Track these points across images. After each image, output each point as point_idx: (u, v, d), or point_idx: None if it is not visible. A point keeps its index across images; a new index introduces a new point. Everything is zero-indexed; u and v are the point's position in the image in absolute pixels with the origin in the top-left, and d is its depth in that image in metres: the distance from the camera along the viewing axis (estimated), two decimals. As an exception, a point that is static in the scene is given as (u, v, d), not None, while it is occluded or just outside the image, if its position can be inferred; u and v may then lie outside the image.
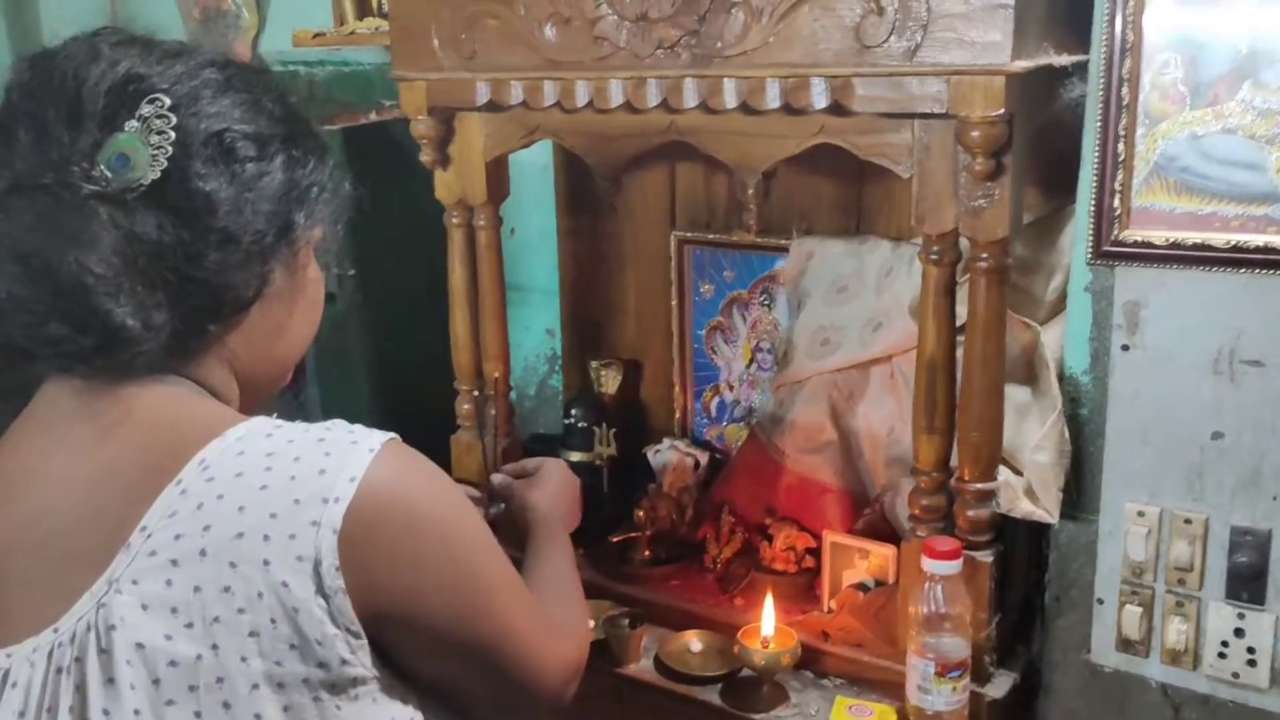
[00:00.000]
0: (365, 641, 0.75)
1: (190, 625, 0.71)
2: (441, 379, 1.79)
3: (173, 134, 0.75)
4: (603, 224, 1.99)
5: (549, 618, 0.95)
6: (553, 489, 1.30)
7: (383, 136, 1.90)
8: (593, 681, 1.50)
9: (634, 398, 2.01)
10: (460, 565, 0.80)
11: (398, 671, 0.79)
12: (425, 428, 1.82)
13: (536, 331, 2.08)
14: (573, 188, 1.98)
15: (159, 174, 0.74)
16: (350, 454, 0.75)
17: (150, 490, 0.73)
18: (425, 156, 1.67)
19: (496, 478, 1.37)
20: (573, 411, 1.92)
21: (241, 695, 0.72)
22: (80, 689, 0.72)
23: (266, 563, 0.71)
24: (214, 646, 0.71)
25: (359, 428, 0.79)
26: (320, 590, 0.72)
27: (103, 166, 0.73)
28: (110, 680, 0.71)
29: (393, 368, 1.99)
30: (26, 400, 0.81)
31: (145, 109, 0.75)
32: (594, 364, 1.99)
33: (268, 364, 0.87)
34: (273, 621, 0.71)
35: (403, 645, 0.78)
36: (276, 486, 0.73)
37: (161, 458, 0.75)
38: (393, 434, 0.80)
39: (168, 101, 0.75)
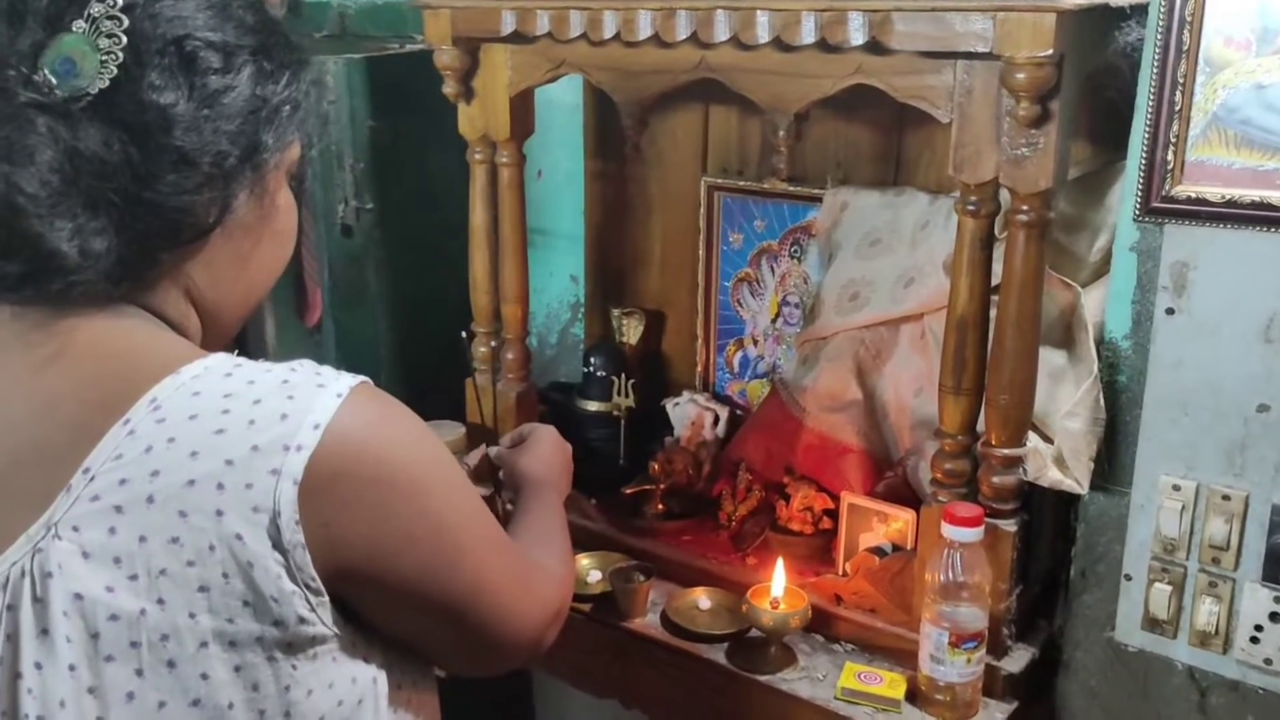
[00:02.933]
0: (326, 599, 0.71)
1: (134, 577, 0.66)
2: (460, 320, 1.75)
3: (124, 38, 0.68)
4: (631, 168, 1.93)
5: (529, 564, 0.90)
6: (543, 454, 1.26)
7: (409, 69, 1.85)
8: (597, 635, 1.49)
9: (655, 348, 1.97)
10: (432, 519, 0.75)
11: (361, 628, 0.75)
12: (441, 369, 1.80)
13: (561, 277, 2.03)
14: (602, 130, 1.93)
15: (107, 83, 0.67)
16: (316, 398, 0.70)
17: (94, 429, 0.68)
18: (449, 89, 1.62)
19: (492, 450, 1.33)
20: (592, 360, 1.87)
21: (188, 653, 0.67)
22: (11, 639, 0.67)
23: (220, 513, 0.66)
24: (159, 601, 0.66)
25: (327, 369, 0.74)
26: (278, 544, 0.67)
27: (45, 71, 0.67)
28: (44, 631, 0.66)
29: (410, 306, 1.95)
30: None
31: (95, 8, 0.68)
32: (616, 312, 1.95)
33: (231, 296, 0.81)
34: (225, 576, 0.67)
35: (368, 602, 0.74)
36: (234, 431, 0.68)
37: (108, 394, 0.69)
38: (363, 378, 0.75)
39: (120, 1, 0.68)
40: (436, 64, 1.60)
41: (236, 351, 0.76)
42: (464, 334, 1.70)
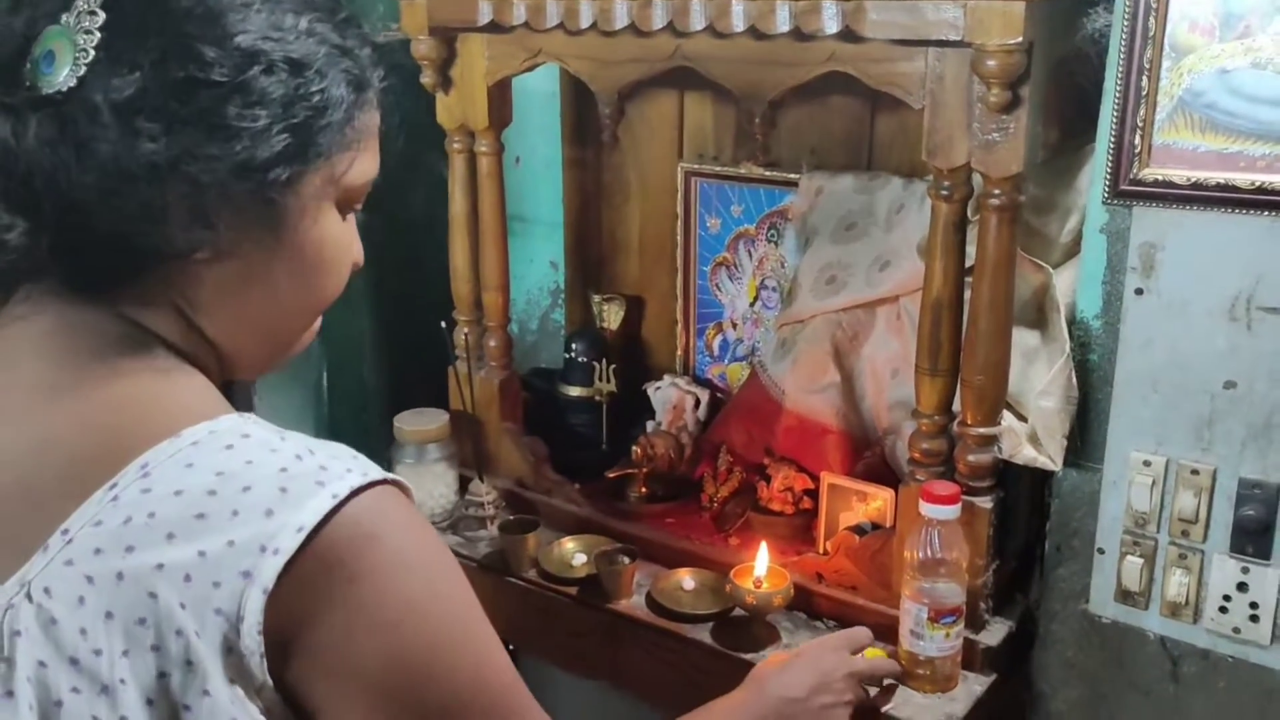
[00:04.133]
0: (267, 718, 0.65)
1: (98, 652, 0.62)
2: (442, 310, 1.76)
3: (99, 34, 0.62)
4: (608, 155, 1.94)
5: None
6: (804, 683, 1.11)
7: (385, 61, 1.85)
8: (583, 617, 1.51)
9: (636, 334, 1.99)
10: (417, 659, 0.66)
11: None
12: (423, 357, 1.81)
13: (540, 264, 2.04)
14: (579, 117, 1.94)
15: (75, 81, 0.62)
16: (310, 496, 0.63)
17: (82, 485, 0.63)
18: (426, 79, 1.63)
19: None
20: (573, 346, 1.89)
21: None
22: None
23: (183, 606, 0.61)
24: (121, 681, 0.62)
25: (341, 459, 0.66)
26: (233, 649, 0.62)
27: (30, 65, 0.62)
28: (9, 694, 0.62)
29: (394, 297, 1.96)
30: None
31: (81, 1, 0.62)
32: (596, 298, 1.96)
33: (243, 331, 0.73)
34: (188, 664, 0.62)
35: None
36: (214, 519, 0.62)
37: (102, 447, 0.65)
38: (385, 476, 0.67)
39: None
40: (414, 54, 1.61)
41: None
42: (444, 324, 1.71)
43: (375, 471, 0.67)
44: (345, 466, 0.66)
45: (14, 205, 0.63)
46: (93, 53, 0.62)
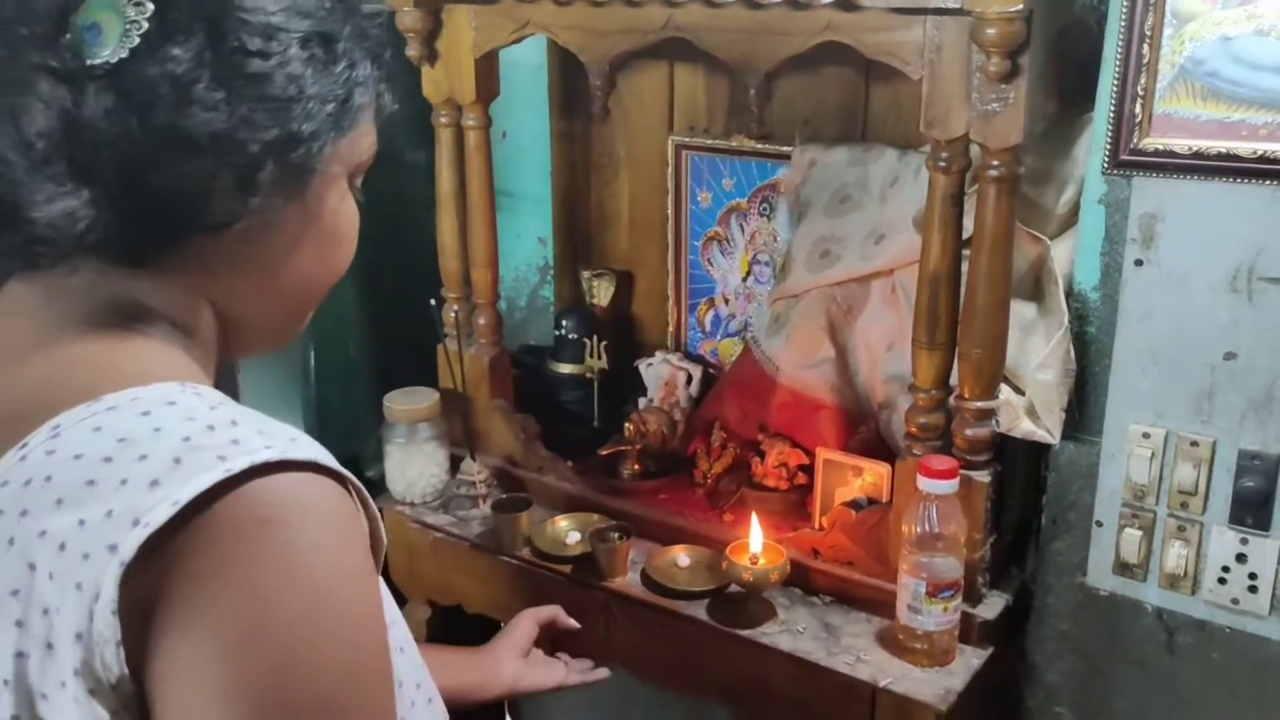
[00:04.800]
0: (120, 709, 0.60)
1: None
2: (427, 287, 1.74)
3: (152, 6, 0.62)
4: (597, 128, 1.92)
5: None
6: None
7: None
8: (579, 595, 1.50)
9: (626, 310, 1.97)
10: (265, 665, 0.58)
11: None
12: (411, 336, 1.79)
13: (528, 240, 2.02)
14: (567, 90, 1.91)
15: (127, 54, 0.62)
16: (203, 470, 0.58)
17: (2, 445, 0.62)
18: (412, 51, 1.60)
19: None
20: (563, 323, 1.87)
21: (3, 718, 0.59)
22: None
23: (51, 577, 0.58)
24: None
25: (261, 437, 0.61)
26: (86, 634, 0.57)
27: (71, 36, 0.62)
28: None
29: (378, 274, 1.94)
30: None
31: None
32: (586, 274, 1.94)
33: (261, 304, 0.73)
34: (48, 647, 0.58)
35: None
36: (103, 486, 0.58)
37: (25, 407, 0.63)
38: (324, 462, 0.62)
39: None
40: (399, 26, 1.57)
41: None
42: (433, 301, 1.69)
43: (304, 455, 0.61)
44: (265, 443, 0.61)
45: (80, 173, 0.62)
46: (145, 24, 0.62)
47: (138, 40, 0.62)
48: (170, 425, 0.61)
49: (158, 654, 0.58)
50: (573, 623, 1.44)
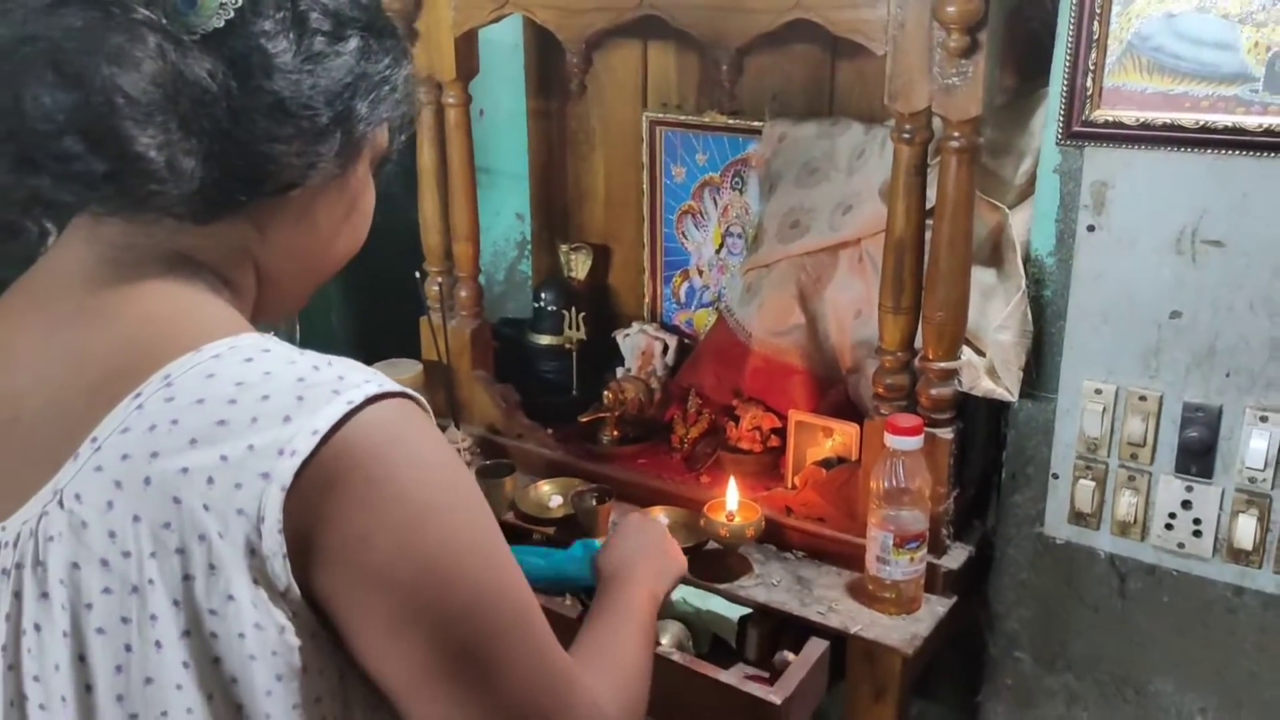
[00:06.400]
0: (298, 614, 0.67)
1: (128, 554, 0.65)
2: (410, 261, 1.79)
3: None
4: (573, 105, 1.97)
5: (569, 677, 0.77)
6: (624, 545, 1.12)
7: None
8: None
9: (603, 282, 2.02)
10: (433, 553, 0.68)
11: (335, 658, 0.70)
12: (391, 309, 1.83)
13: (506, 215, 2.06)
14: (543, 68, 1.95)
15: (222, 24, 0.68)
16: (326, 403, 0.66)
17: (110, 396, 0.67)
18: (392, 30, 1.63)
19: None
20: (542, 295, 1.92)
21: (172, 639, 0.66)
22: (18, 596, 0.68)
23: (207, 508, 0.65)
24: (150, 582, 0.65)
25: (357, 372, 0.70)
26: (256, 551, 0.65)
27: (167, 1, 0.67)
28: (44, 595, 0.67)
29: (364, 249, 1.98)
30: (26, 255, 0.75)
31: None
32: (564, 248, 1.99)
33: (298, 265, 0.80)
34: (211, 568, 0.65)
35: (353, 631, 0.69)
36: (235, 424, 0.65)
37: (131, 360, 0.68)
38: (408, 390, 0.71)
39: None
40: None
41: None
42: (417, 273, 1.74)
43: (393, 385, 0.70)
44: (364, 377, 0.69)
45: (186, 125, 0.67)
46: (240, 0, 0.68)
47: (232, 13, 0.68)
48: (278, 369, 0.68)
49: (333, 571, 0.67)
50: None
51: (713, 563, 1.48)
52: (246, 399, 0.66)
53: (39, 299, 0.73)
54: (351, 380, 0.68)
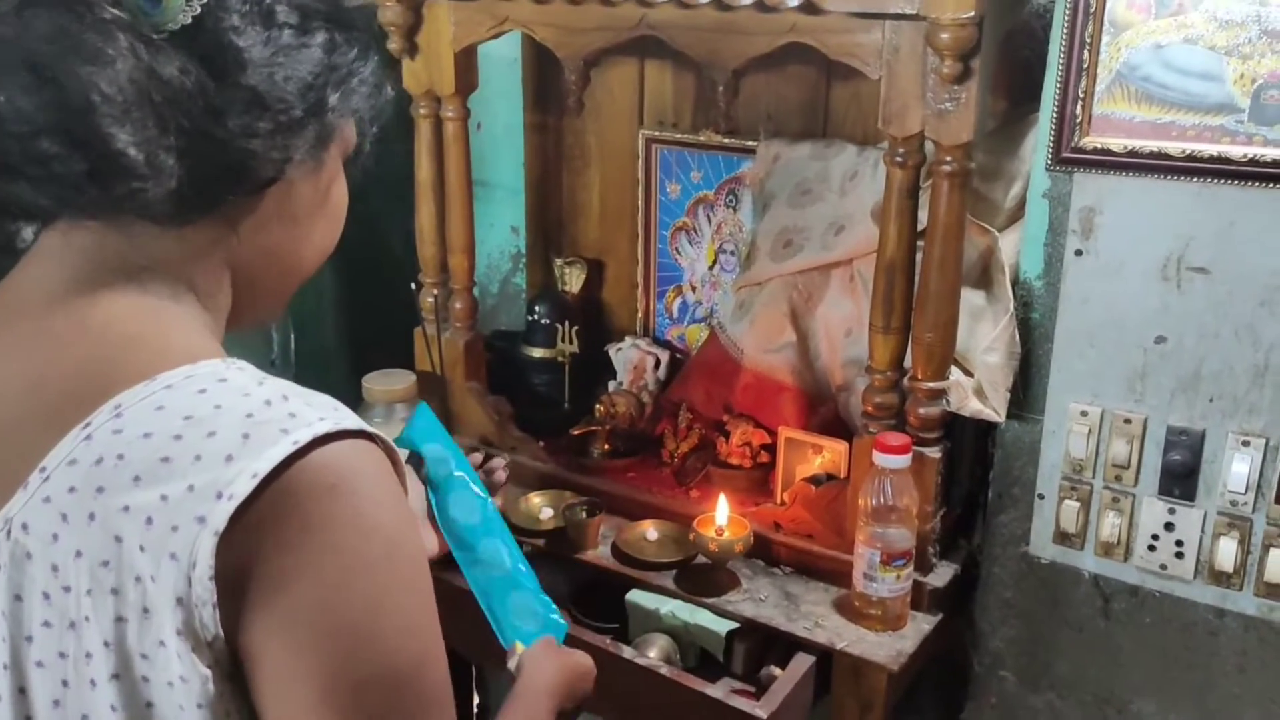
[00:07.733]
0: (216, 670, 0.65)
1: (67, 589, 0.64)
2: (407, 273, 1.80)
3: None
4: (570, 121, 1.98)
5: None
6: (554, 656, 1.06)
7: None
8: (550, 568, 1.56)
9: (597, 296, 2.04)
10: (357, 609, 0.65)
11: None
12: (384, 320, 1.84)
13: (501, 228, 2.08)
14: (541, 83, 1.97)
15: (189, 20, 0.67)
16: (271, 444, 0.64)
17: (62, 422, 0.66)
18: (393, 45, 1.65)
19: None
20: (536, 309, 1.94)
21: (103, 678, 0.65)
22: None
23: (143, 549, 0.63)
24: (86, 619, 0.64)
25: (313, 409, 0.67)
26: (184, 600, 0.63)
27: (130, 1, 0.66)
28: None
29: (356, 259, 1.99)
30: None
31: None
32: (558, 262, 2.01)
33: (274, 267, 0.78)
34: (145, 612, 0.64)
35: (267, 680, 0.66)
36: (179, 463, 0.63)
37: (84, 385, 0.67)
38: (369, 430, 0.68)
39: None
40: (380, 20, 1.63)
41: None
42: (413, 285, 1.75)
43: (352, 423, 0.67)
44: (318, 415, 0.66)
45: (162, 122, 0.66)
46: None
47: (199, 9, 0.67)
48: (229, 402, 0.66)
49: (253, 614, 0.64)
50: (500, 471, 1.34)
51: (701, 577, 1.49)
52: (192, 435, 0.64)
53: (11, 315, 0.71)
54: (303, 418, 0.66)
